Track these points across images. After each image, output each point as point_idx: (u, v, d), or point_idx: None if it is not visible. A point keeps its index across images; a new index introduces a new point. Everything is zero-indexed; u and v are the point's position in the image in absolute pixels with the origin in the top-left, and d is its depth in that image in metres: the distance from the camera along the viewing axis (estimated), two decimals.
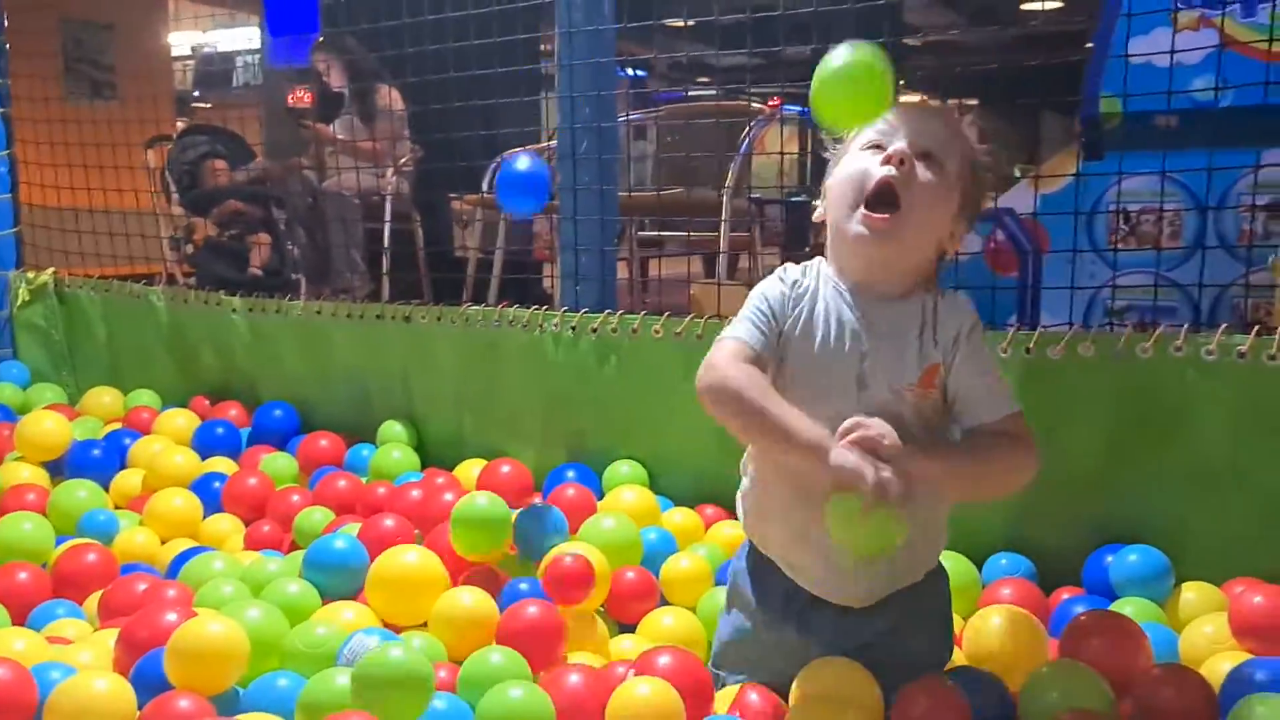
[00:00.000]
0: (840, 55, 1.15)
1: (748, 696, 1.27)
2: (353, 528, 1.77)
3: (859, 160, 1.27)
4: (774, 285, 1.31)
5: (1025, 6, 7.83)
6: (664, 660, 1.30)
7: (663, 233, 4.20)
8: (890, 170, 1.23)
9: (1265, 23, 2.43)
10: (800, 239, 4.89)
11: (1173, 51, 1.91)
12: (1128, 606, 1.53)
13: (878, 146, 1.26)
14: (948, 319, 1.27)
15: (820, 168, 1.38)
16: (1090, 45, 3.03)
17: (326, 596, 1.59)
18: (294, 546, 1.89)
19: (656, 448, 2.10)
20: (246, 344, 2.67)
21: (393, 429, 2.38)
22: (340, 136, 3.98)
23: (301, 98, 4.47)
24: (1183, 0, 2.89)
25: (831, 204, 1.30)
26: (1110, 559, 1.65)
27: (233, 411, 2.60)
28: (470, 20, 2.34)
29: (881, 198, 1.23)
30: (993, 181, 1.34)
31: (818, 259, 1.35)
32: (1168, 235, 2.96)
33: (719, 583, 1.65)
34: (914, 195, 1.23)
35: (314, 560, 1.63)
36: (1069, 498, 1.73)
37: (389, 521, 1.74)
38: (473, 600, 1.50)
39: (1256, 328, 1.62)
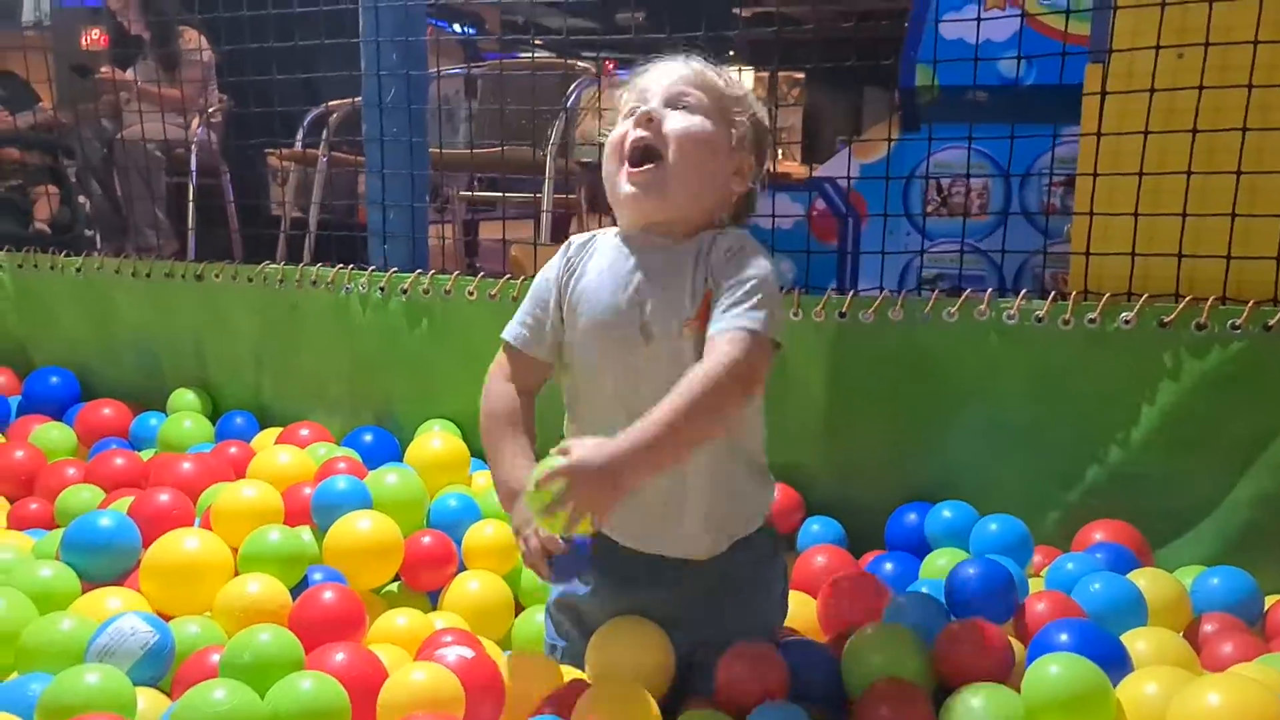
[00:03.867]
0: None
1: None
2: (124, 503, 1.60)
3: (621, 126, 1.30)
4: (552, 261, 1.34)
5: None
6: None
7: (489, 193, 4.08)
8: (641, 132, 1.26)
9: (1063, 5, 2.53)
10: None
11: (979, 19, 1.93)
12: (941, 558, 1.56)
13: (633, 111, 1.29)
14: (723, 243, 1.25)
15: None
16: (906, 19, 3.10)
17: (89, 581, 1.43)
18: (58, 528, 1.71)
19: (470, 410, 2.00)
20: (15, 304, 2.42)
21: (184, 397, 2.21)
22: (138, 83, 3.66)
23: (95, 40, 4.10)
24: None
25: (605, 172, 1.32)
26: (913, 517, 1.68)
27: (0, 379, 2.35)
28: None
29: (642, 155, 1.26)
30: (764, 117, 1.34)
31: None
32: (976, 207, 3.08)
33: None
34: (672, 144, 1.25)
35: (75, 540, 1.47)
36: (879, 459, 1.76)
37: (164, 496, 1.59)
38: (260, 589, 1.37)
39: (1053, 294, 1.67)
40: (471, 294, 1.98)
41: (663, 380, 1.16)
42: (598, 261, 1.30)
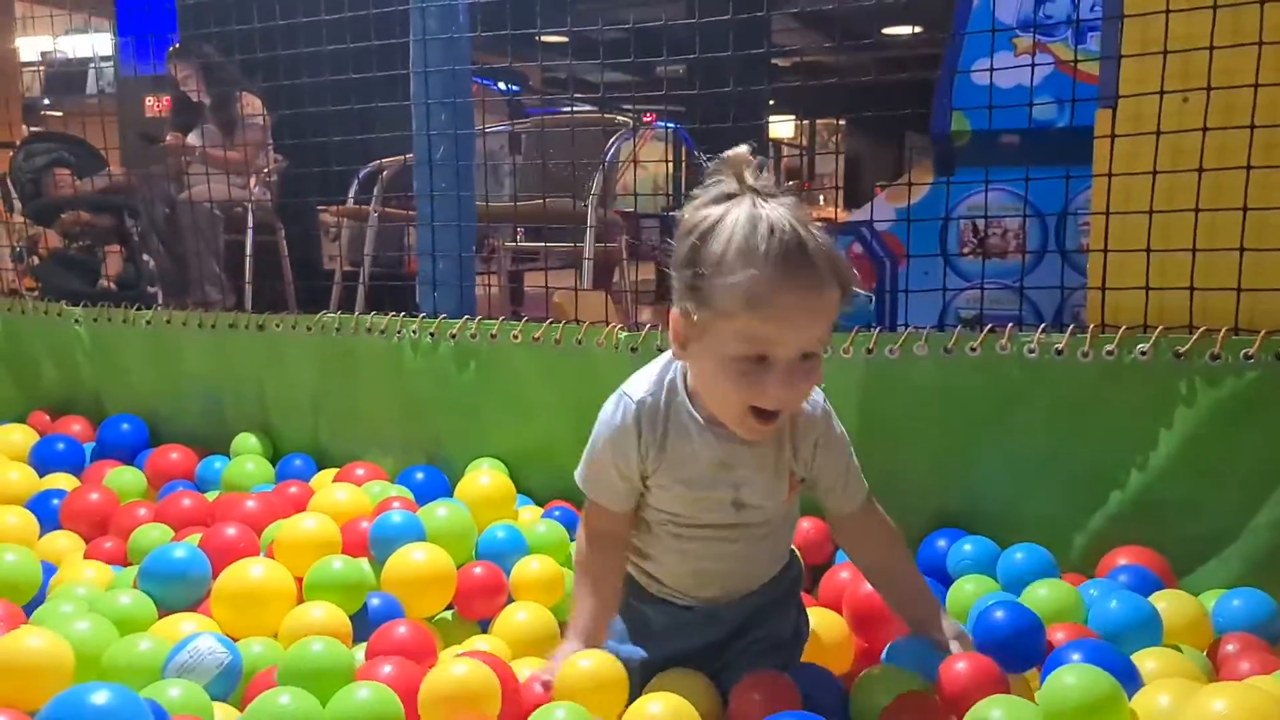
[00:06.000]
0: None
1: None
2: (194, 539, 1.72)
3: (743, 365, 1.12)
4: (623, 426, 1.25)
5: (886, 30, 8.13)
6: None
7: (535, 243, 4.22)
8: (779, 405, 1.15)
9: (1095, 50, 2.60)
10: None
11: (990, 70, 2.01)
12: (969, 584, 1.60)
13: (761, 357, 1.11)
14: (806, 432, 1.26)
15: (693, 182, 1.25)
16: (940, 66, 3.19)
17: (165, 609, 1.54)
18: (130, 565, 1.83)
19: (515, 447, 2.11)
20: (90, 356, 2.57)
21: (247, 441, 2.33)
22: (198, 146, 3.86)
23: (158, 106, 4.31)
24: (1020, 26, 3.09)
25: (704, 375, 1.18)
26: (942, 543, 1.74)
27: (76, 426, 2.49)
28: (333, 26, 2.32)
29: (767, 415, 1.17)
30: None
31: (665, 370, 1.26)
32: (1013, 247, 3.14)
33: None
34: (796, 401, 1.21)
35: (151, 570, 1.58)
36: (908, 489, 1.81)
37: (231, 531, 1.70)
38: (324, 614, 1.47)
39: (1071, 327, 1.73)
40: (516, 338, 2.08)
41: (750, 546, 1.29)
42: (681, 441, 1.23)
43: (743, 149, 1.14)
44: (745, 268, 1.06)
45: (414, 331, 2.16)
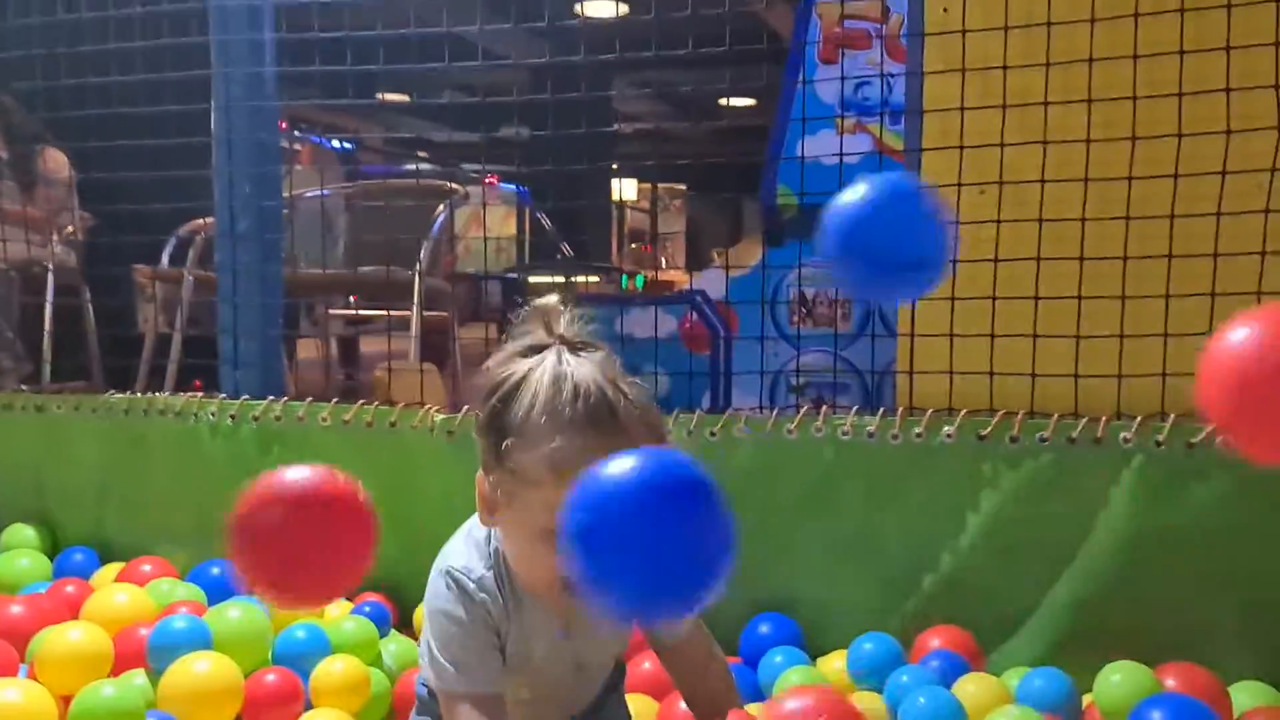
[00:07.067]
0: None
1: None
2: None
3: (554, 537, 0.94)
4: (475, 598, 1.10)
5: (723, 101, 8.39)
6: None
7: (363, 310, 4.09)
8: None
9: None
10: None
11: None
12: (794, 675, 1.58)
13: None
14: None
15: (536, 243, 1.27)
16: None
17: None
18: None
19: None
20: None
21: (21, 533, 2.12)
22: None
23: None
24: (842, 107, 3.21)
25: (513, 544, 1.09)
26: (764, 628, 1.73)
27: None
28: (146, 84, 2.18)
29: None
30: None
31: (486, 539, 1.13)
32: (839, 317, 3.23)
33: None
34: None
35: None
36: (732, 573, 1.79)
37: None
38: None
39: (881, 410, 1.76)
40: (325, 420, 1.98)
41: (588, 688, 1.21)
42: (520, 628, 1.12)
43: (552, 299, 1.07)
44: (549, 436, 0.98)
45: (212, 414, 2.02)
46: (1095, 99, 1.65)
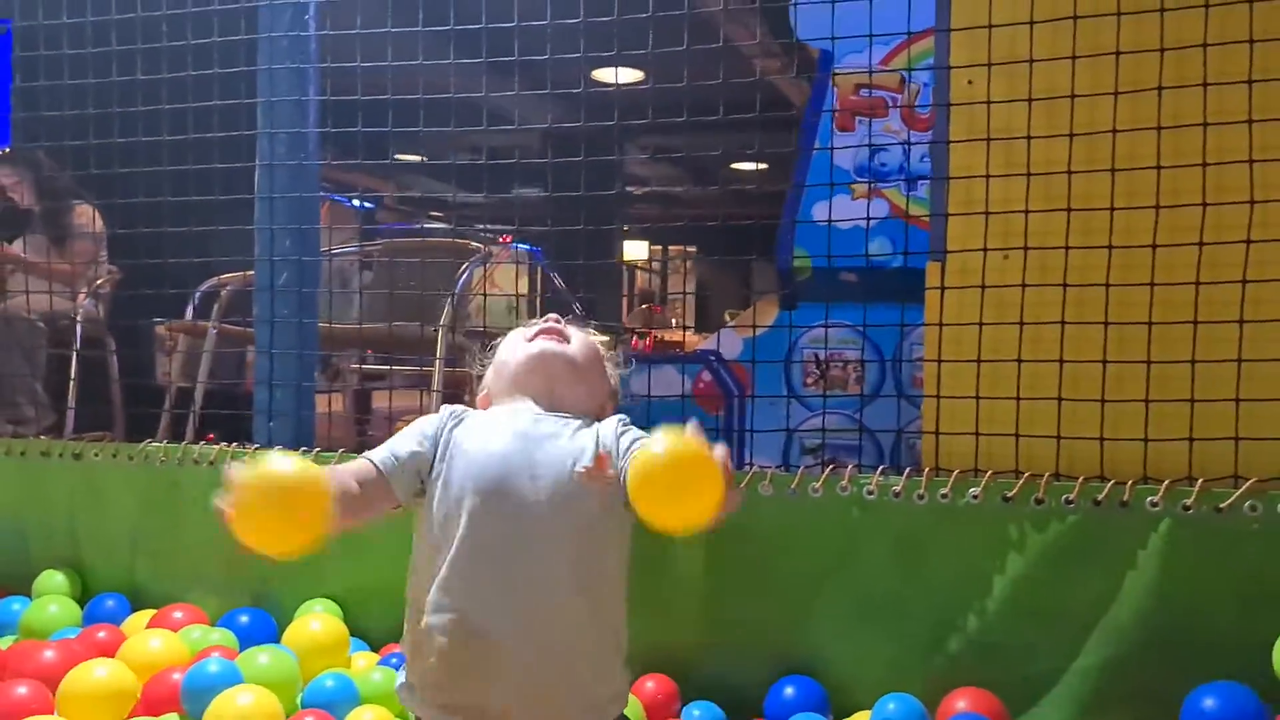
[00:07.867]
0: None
1: None
2: None
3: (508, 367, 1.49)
4: (433, 415, 1.44)
5: (734, 166, 8.52)
6: None
7: (380, 365, 4.12)
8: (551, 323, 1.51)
9: (925, 197, 2.78)
10: None
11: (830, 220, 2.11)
12: None
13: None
14: (607, 424, 1.44)
15: (551, 306, 1.58)
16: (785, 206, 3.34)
17: None
18: None
19: (353, 586, 2.00)
20: None
21: (52, 579, 2.13)
22: (24, 256, 3.65)
23: None
24: (857, 173, 3.28)
25: (499, 365, 1.51)
26: (789, 690, 1.72)
27: None
28: (178, 143, 2.24)
29: (551, 330, 1.49)
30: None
31: None
32: (853, 380, 3.26)
33: None
34: (573, 336, 1.50)
35: None
36: (753, 636, 1.80)
37: (22, 689, 1.53)
38: None
39: (908, 470, 1.78)
40: None
41: (546, 536, 1.28)
42: (486, 416, 1.43)
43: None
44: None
45: (244, 463, 2.04)
46: (1119, 169, 1.69)
